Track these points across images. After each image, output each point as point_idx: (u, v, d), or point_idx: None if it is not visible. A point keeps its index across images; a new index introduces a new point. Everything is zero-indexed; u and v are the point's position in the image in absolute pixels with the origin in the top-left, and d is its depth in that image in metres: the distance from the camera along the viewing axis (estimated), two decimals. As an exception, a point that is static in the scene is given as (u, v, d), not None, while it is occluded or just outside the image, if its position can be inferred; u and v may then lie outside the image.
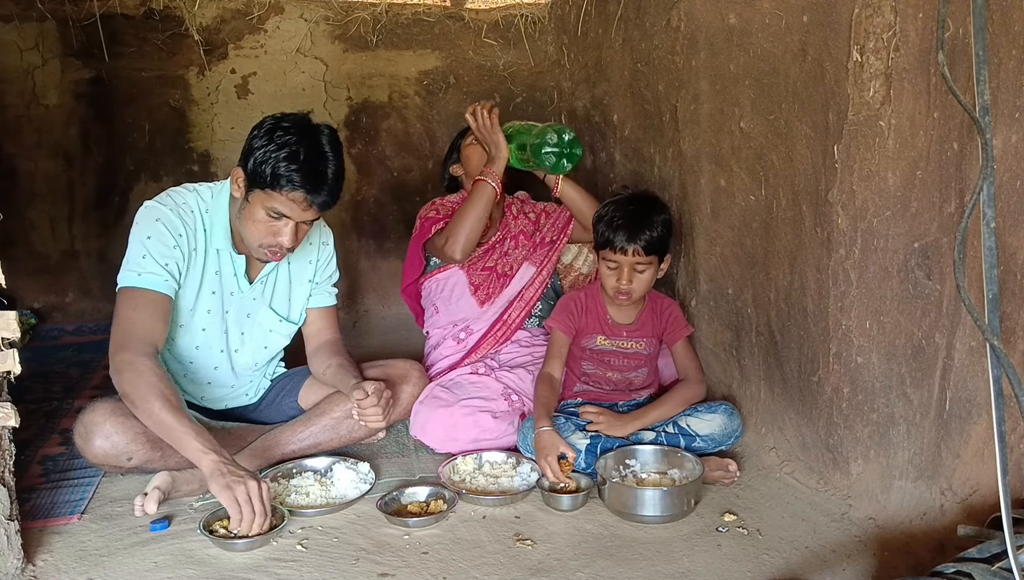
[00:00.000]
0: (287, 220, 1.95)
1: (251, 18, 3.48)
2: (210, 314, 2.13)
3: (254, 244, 2.01)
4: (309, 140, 1.92)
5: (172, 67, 3.47)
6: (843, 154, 1.81)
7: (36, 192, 3.48)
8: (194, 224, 2.05)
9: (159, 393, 1.81)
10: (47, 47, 3.36)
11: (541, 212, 2.81)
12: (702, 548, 1.80)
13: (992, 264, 1.51)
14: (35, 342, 3.34)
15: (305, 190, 1.90)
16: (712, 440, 2.19)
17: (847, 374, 1.92)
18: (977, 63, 1.50)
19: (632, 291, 2.23)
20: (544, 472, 2.02)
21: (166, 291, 1.97)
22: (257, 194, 1.94)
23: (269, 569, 1.71)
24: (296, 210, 1.93)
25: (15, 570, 1.64)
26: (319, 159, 1.92)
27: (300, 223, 1.98)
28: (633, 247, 2.19)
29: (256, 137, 1.95)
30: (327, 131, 1.97)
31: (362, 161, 3.68)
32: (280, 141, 1.90)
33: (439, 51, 3.66)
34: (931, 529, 1.85)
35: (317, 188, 1.92)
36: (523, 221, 2.78)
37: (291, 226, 1.96)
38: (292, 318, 2.29)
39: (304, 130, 1.94)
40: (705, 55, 2.33)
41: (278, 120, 1.96)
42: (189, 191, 2.10)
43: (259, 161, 1.90)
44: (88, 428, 1.89)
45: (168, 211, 2.01)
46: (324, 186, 1.92)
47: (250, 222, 1.98)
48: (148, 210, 2.02)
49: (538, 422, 2.09)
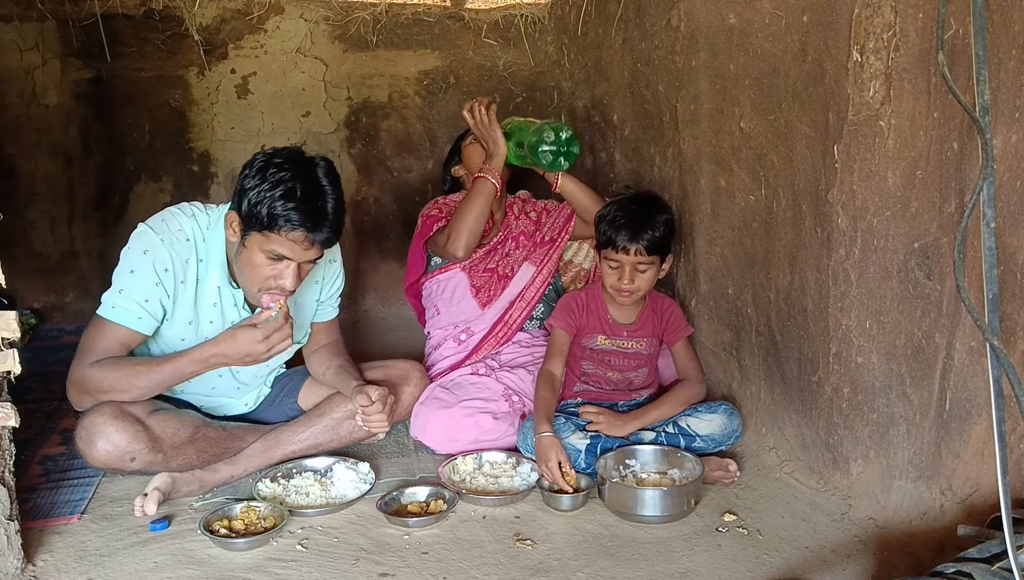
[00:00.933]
0: (288, 261, 1.86)
1: (251, 18, 3.48)
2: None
3: (252, 289, 1.93)
4: (304, 175, 1.82)
5: (172, 67, 3.47)
6: (843, 154, 1.81)
7: (36, 192, 3.47)
8: (186, 255, 1.96)
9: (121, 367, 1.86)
10: (47, 47, 3.36)
11: (542, 210, 2.80)
12: (702, 548, 1.80)
13: (992, 264, 1.51)
14: (35, 342, 3.34)
15: (306, 229, 1.81)
16: (712, 440, 2.19)
17: (847, 374, 1.92)
18: (977, 63, 1.50)
19: (634, 290, 2.23)
20: (545, 477, 2.02)
21: (137, 328, 1.91)
22: (254, 237, 1.84)
23: (269, 569, 1.71)
24: (297, 250, 1.84)
25: (15, 570, 1.64)
26: (317, 194, 1.82)
27: (302, 263, 1.89)
28: (635, 247, 2.19)
29: (248, 177, 1.84)
30: (323, 163, 1.88)
31: (362, 161, 3.68)
32: (274, 179, 1.80)
33: (439, 51, 3.65)
34: (931, 529, 1.85)
35: (318, 225, 1.82)
36: (524, 221, 2.77)
37: (292, 267, 1.87)
38: (298, 339, 2.24)
39: (298, 164, 1.84)
40: (705, 55, 2.33)
41: (269, 157, 1.85)
42: (187, 216, 1.99)
43: (253, 202, 1.80)
44: (90, 431, 1.89)
45: (159, 242, 1.91)
46: (325, 222, 1.83)
47: (248, 267, 1.89)
48: (139, 238, 1.93)
49: (538, 426, 2.09)
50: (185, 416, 2.04)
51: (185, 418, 2.03)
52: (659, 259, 2.25)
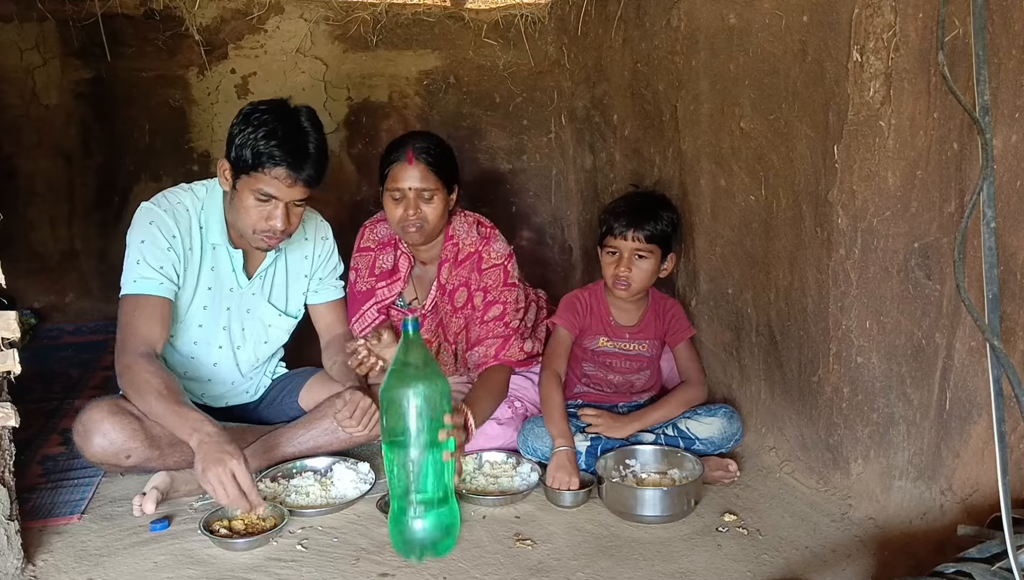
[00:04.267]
0: (276, 201, 1.96)
1: (251, 18, 3.48)
2: (206, 310, 2.15)
3: (249, 232, 2.03)
4: (286, 118, 1.94)
5: (172, 67, 3.47)
6: (843, 154, 1.81)
7: (36, 192, 3.48)
8: (188, 223, 2.07)
9: (153, 387, 1.86)
10: (47, 47, 3.36)
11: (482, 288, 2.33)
12: (702, 548, 1.80)
13: (992, 264, 1.51)
14: (35, 342, 3.34)
15: (287, 165, 1.91)
16: (711, 444, 2.19)
17: (847, 374, 1.92)
18: (977, 63, 1.50)
19: (631, 280, 2.22)
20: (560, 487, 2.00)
21: (162, 294, 2.00)
22: (243, 180, 1.96)
23: (269, 569, 1.71)
24: (282, 189, 1.94)
25: (15, 570, 1.64)
26: (298, 134, 1.94)
27: (290, 204, 1.99)
28: (633, 233, 2.19)
29: (235, 125, 1.98)
30: (305, 110, 1.99)
31: (362, 161, 3.67)
32: (257, 122, 1.92)
33: (439, 51, 3.65)
34: (931, 529, 1.85)
35: (299, 162, 1.93)
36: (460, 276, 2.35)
37: (281, 208, 1.97)
38: (291, 312, 2.31)
39: (281, 110, 1.97)
40: (705, 55, 2.33)
41: (255, 105, 1.98)
42: (184, 190, 2.12)
43: (239, 145, 1.93)
44: (87, 427, 1.90)
45: (162, 212, 2.03)
46: (307, 159, 1.94)
47: (241, 210, 1.99)
48: (143, 213, 2.04)
49: (556, 439, 2.08)
50: None
51: None
52: (659, 250, 2.24)
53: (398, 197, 2.21)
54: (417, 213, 2.20)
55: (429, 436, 1.63)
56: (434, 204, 2.22)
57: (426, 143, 2.23)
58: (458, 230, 2.37)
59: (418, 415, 1.61)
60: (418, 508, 1.66)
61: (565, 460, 2.04)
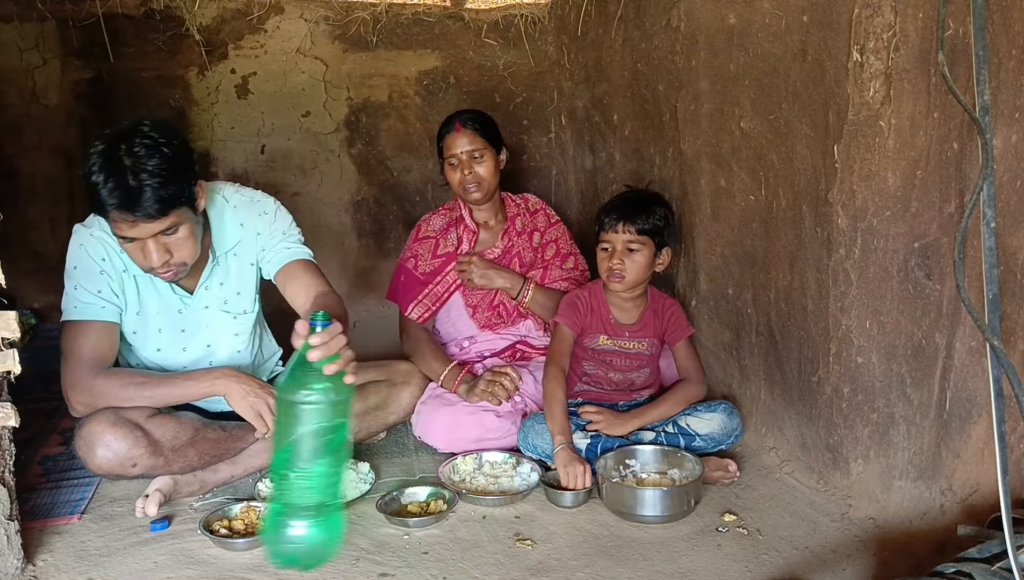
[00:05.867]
0: (139, 241, 1.80)
1: (251, 18, 3.47)
2: (161, 334, 2.07)
3: (144, 272, 1.91)
4: (107, 157, 1.74)
5: (172, 67, 3.47)
6: (843, 154, 1.81)
7: (36, 192, 3.47)
8: (116, 245, 1.93)
9: (136, 381, 1.87)
10: (47, 47, 3.36)
11: (547, 243, 2.71)
12: (702, 548, 1.80)
13: (992, 264, 1.51)
14: (35, 342, 3.34)
15: (118, 209, 1.73)
16: (712, 439, 2.19)
17: (847, 374, 1.92)
18: (977, 63, 1.50)
19: (624, 272, 2.22)
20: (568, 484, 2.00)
21: (105, 317, 1.94)
22: (109, 225, 1.82)
23: (269, 569, 1.70)
24: (134, 229, 1.77)
25: (15, 570, 1.64)
26: (118, 173, 1.72)
27: (158, 237, 1.80)
28: (623, 225, 2.21)
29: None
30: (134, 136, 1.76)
31: (362, 161, 3.68)
32: (89, 166, 1.75)
33: (439, 51, 3.65)
34: (931, 529, 1.85)
35: (129, 202, 1.72)
36: (526, 242, 2.69)
37: (151, 244, 1.80)
38: (248, 309, 2.17)
39: (104, 149, 1.75)
40: (705, 55, 2.33)
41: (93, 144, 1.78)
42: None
43: (86, 192, 1.77)
44: (88, 440, 1.88)
45: (88, 235, 1.95)
46: (137, 196, 1.72)
47: (126, 252, 1.87)
48: (74, 236, 1.97)
49: (556, 437, 2.09)
50: (184, 418, 2.03)
51: (184, 420, 2.02)
52: (651, 243, 2.24)
53: (455, 163, 2.51)
54: (472, 173, 2.51)
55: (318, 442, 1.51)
56: (485, 162, 2.52)
57: (470, 114, 2.57)
58: (514, 198, 2.75)
59: (308, 421, 1.50)
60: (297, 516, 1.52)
61: (571, 454, 2.04)
